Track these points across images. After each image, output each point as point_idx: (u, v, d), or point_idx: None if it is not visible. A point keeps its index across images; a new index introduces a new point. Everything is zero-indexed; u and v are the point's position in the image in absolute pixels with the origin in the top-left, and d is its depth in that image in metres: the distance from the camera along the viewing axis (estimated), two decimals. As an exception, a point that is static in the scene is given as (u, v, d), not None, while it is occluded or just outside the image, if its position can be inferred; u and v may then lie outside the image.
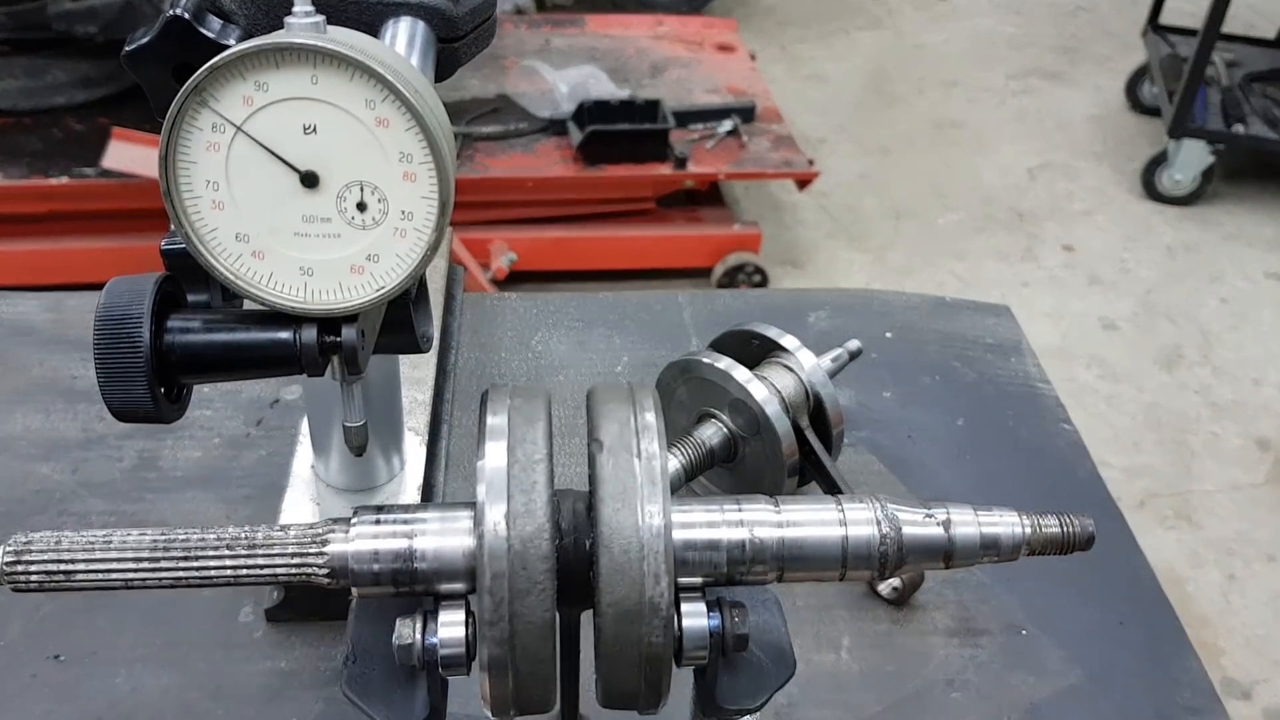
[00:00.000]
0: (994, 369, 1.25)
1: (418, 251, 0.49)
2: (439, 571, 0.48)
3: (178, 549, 0.47)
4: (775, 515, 0.49)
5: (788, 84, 4.42)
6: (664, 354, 1.10)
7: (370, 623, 0.50)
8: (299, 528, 0.49)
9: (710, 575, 0.49)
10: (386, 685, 0.49)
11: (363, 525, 0.48)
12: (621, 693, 0.47)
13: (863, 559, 0.49)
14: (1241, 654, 2.31)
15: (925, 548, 0.50)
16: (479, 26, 0.70)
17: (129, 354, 0.49)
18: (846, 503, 0.50)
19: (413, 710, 0.49)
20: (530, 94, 3.28)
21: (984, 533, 0.51)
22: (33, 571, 0.46)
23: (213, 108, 0.47)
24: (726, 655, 0.49)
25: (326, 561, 0.48)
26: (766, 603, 0.53)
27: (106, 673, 0.88)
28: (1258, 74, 3.97)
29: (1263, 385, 3.07)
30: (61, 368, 1.16)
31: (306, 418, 0.92)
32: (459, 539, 0.48)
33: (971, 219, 3.75)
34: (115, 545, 0.47)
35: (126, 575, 0.47)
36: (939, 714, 0.89)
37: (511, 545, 0.44)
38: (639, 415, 0.48)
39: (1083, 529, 0.52)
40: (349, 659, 0.50)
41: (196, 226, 0.49)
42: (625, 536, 0.45)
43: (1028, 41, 4.93)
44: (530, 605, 0.44)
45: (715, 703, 0.50)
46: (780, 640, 0.52)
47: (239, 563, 0.47)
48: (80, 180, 2.80)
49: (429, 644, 0.47)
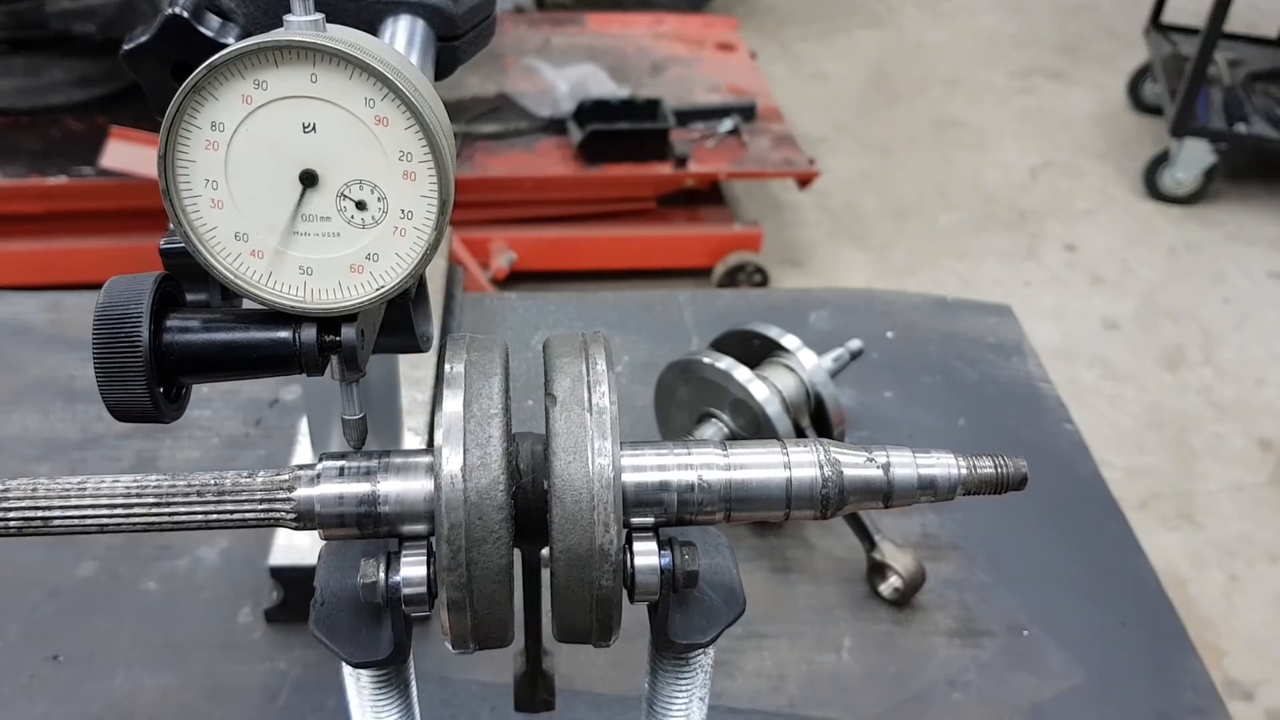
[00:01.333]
0: (995, 369, 1.25)
1: (418, 251, 0.49)
2: (401, 515, 0.51)
3: (150, 495, 0.49)
4: (723, 458, 0.52)
5: (789, 83, 4.41)
6: (664, 354, 1.10)
7: (337, 568, 0.53)
8: (267, 474, 0.51)
9: (661, 516, 0.52)
10: (353, 625, 0.52)
11: (328, 470, 0.51)
12: (575, 629, 0.51)
13: (805, 499, 0.52)
14: (1244, 655, 2.31)
15: (865, 488, 0.52)
16: (478, 25, 0.70)
17: (128, 353, 0.48)
18: (791, 446, 0.53)
19: (378, 647, 0.52)
20: (530, 93, 3.28)
21: (921, 474, 0.53)
22: (11, 517, 0.48)
23: (211, 106, 0.47)
24: (678, 591, 0.52)
25: (293, 506, 0.50)
26: (719, 546, 0.56)
27: (105, 673, 0.88)
28: (1260, 73, 3.97)
29: (1265, 385, 3.07)
30: (60, 367, 1.16)
31: (305, 418, 0.92)
32: (420, 482, 0.50)
33: (973, 218, 3.74)
34: (90, 492, 0.49)
35: (101, 520, 0.49)
36: (940, 715, 0.89)
37: (468, 497, 0.47)
38: (591, 368, 0.50)
39: (1016, 469, 0.53)
40: (318, 601, 0.52)
41: (195, 225, 0.49)
42: (576, 488, 0.47)
43: (1030, 40, 4.93)
44: (486, 552, 0.47)
45: (668, 638, 0.53)
46: (731, 581, 0.54)
47: (209, 508, 0.49)
48: (78, 179, 2.80)
49: (392, 582, 0.50)
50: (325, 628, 0.52)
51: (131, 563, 0.97)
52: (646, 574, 0.51)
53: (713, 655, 0.57)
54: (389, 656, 0.52)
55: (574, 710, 0.84)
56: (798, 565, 1.01)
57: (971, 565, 1.01)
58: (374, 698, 0.56)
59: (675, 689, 0.57)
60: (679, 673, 0.56)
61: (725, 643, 0.91)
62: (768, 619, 0.96)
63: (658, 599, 0.52)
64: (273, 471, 0.51)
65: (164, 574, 0.96)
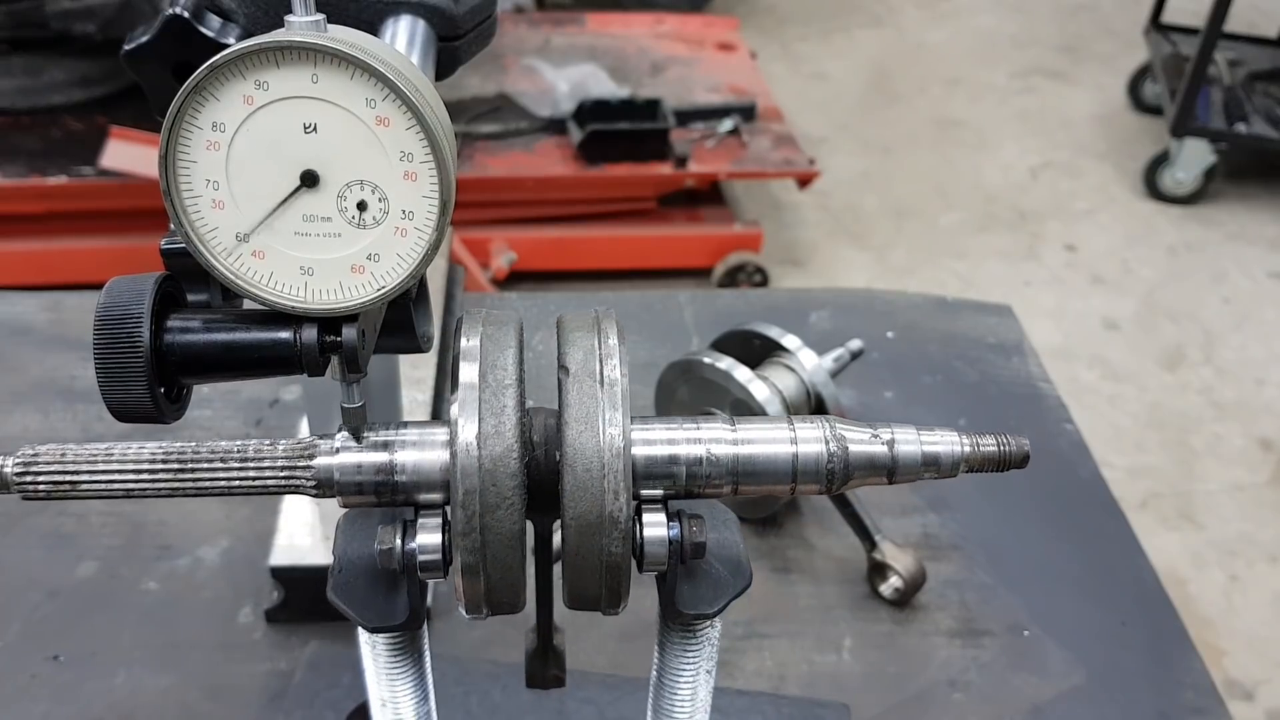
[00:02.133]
0: (996, 369, 1.25)
1: (418, 251, 0.49)
2: (418, 483, 0.52)
3: (174, 461, 0.51)
4: (731, 434, 0.53)
5: (789, 83, 4.41)
6: (665, 354, 1.10)
7: (355, 537, 0.54)
8: (288, 442, 0.52)
9: (670, 488, 0.53)
10: (370, 591, 0.53)
11: (347, 440, 0.52)
12: (585, 596, 0.52)
13: (811, 474, 0.53)
14: (1244, 655, 2.30)
15: (870, 464, 0.53)
16: (479, 25, 0.70)
17: (129, 354, 0.48)
18: (798, 422, 0.54)
19: (394, 613, 0.53)
20: (530, 93, 3.28)
21: (925, 450, 0.53)
22: (41, 481, 0.50)
23: (212, 107, 0.47)
24: (686, 563, 0.53)
25: (314, 474, 0.51)
26: (727, 522, 0.57)
27: (106, 673, 0.88)
28: (1260, 73, 3.97)
29: (1265, 385, 3.07)
30: (60, 368, 1.16)
31: (306, 418, 0.92)
32: (436, 453, 0.52)
33: (973, 218, 3.74)
34: (117, 457, 0.50)
35: (127, 485, 0.51)
36: (941, 715, 0.89)
37: (482, 464, 0.48)
38: (603, 342, 0.52)
39: (1018, 447, 0.54)
40: (335, 569, 0.54)
41: (196, 226, 0.49)
42: (587, 456, 0.49)
43: (1030, 40, 4.93)
44: (500, 518, 0.48)
45: (676, 608, 0.54)
46: (738, 554, 0.56)
47: (231, 474, 0.51)
48: (79, 179, 2.80)
49: (408, 549, 0.51)
50: (343, 594, 0.53)
51: (132, 563, 0.97)
52: (655, 545, 0.52)
53: (719, 629, 0.58)
54: (404, 622, 0.54)
55: (584, 689, 0.85)
56: (798, 565, 1.01)
57: (972, 565, 1.02)
58: (389, 665, 0.57)
59: (683, 661, 0.58)
60: (686, 645, 0.58)
61: (725, 642, 0.91)
62: (768, 619, 0.96)
63: (666, 569, 0.53)
64: (294, 440, 0.52)
65: (164, 574, 0.96)
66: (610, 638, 0.89)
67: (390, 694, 0.59)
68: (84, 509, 1.00)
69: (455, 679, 0.86)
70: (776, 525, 1.04)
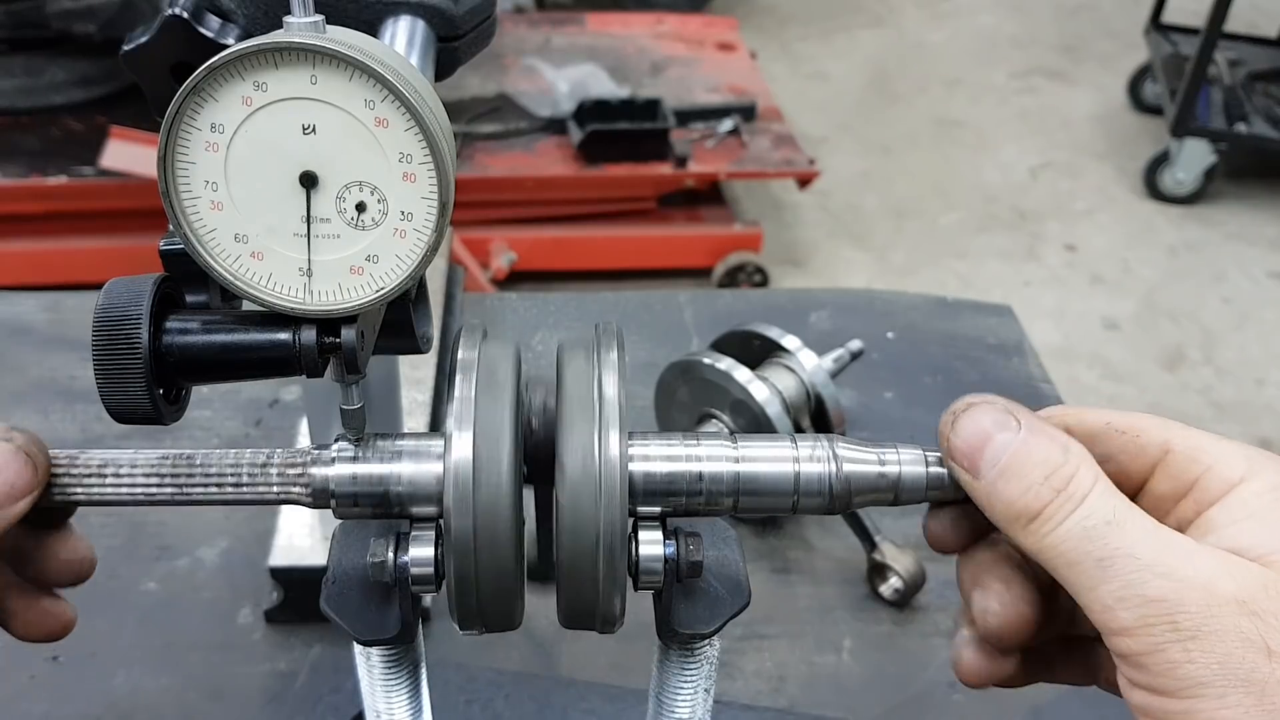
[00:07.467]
0: (996, 369, 1.25)
1: (418, 252, 0.49)
2: (413, 495, 0.52)
3: (168, 476, 0.52)
4: (732, 451, 0.52)
5: (789, 83, 4.41)
6: (665, 354, 1.10)
7: (349, 548, 0.54)
8: (284, 453, 0.52)
9: (668, 506, 0.52)
10: (362, 603, 0.53)
11: (343, 451, 0.52)
12: (579, 615, 0.51)
13: (813, 495, 0.52)
14: (1243, 654, 2.30)
15: (873, 486, 0.52)
16: (479, 25, 0.70)
17: (128, 355, 0.48)
18: (801, 441, 0.53)
19: (386, 625, 0.53)
20: (530, 93, 3.28)
21: (930, 472, 0.52)
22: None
23: (211, 108, 0.47)
24: (682, 581, 0.52)
25: (309, 485, 0.51)
26: (727, 539, 0.56)
27: (105, 674, 0.88)
28: (1260, 73, 3.97)
29: (1265, 385, 3.07)
30: (60, 368, 1.16)
31: (305, 418, 0.92)
32: (430, 465, 0.51)
33: (973, 218, 3.74)
34: (110, 471, 0.52)
35: (121, 497, 0.53)
36: (941, 716, 0.89)
37: (477, 478, 0.48)
38: (602, 358, 0.51)
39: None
40: (329, 580, 0.54)
41: (195, 227, 0.48)
42: (582, 475, 0.48)
43: (1030, 40, 4.93)
44: (495, 533, 0.48)
45: (671, 627, 0.54)
46: (737, 573, 0.55)
47: (225, 484, 0.51)
48: (78, 180, 2.80)
49: (400, 562, 0.51)
50: (336, 605, 0.53)
51: (131, 563, 0.97)
52: (650, 562, 0.51)
53: (719, 647, 0.58)
54: (396, 635, 0.53)
55: (587, 701, 0.85)
56: (798, 566, 1.01)
57: (972, 566, 1.01)
58: (384, 677, 0.57)
59: (681, 680, 0.58)
60: (684, 664, 0.57)
61: (725, 643, 0.91)
62: (768, 620, 0.96)
63: (661, 588, 0.53)
64: (290, 451, 0.52)
65: (164, 574, 0.96)
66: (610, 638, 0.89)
67: (386, 705, 0.58)
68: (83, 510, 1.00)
69: (458, 686, 0.86)
70: (776, 526, 1.04)
